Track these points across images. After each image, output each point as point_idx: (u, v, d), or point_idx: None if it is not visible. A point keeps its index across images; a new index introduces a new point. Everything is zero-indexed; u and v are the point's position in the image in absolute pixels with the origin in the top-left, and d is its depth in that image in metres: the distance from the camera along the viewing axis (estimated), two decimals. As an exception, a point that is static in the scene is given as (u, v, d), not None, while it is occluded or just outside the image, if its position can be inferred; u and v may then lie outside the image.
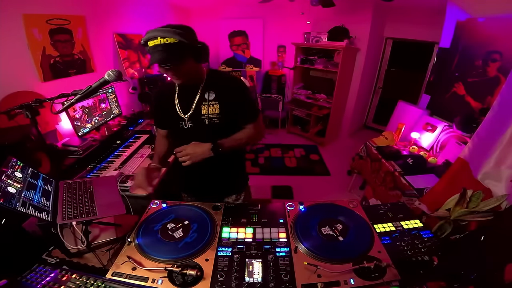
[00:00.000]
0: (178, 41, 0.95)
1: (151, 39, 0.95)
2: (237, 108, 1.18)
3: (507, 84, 1.38)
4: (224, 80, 1.20)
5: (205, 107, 1.15)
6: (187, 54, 1.01)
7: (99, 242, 1.09)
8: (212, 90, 1.15)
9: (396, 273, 0.84)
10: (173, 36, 0.94)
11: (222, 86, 1.16)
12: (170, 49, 0.95)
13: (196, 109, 1.16)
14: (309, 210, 1.16)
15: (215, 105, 1.15)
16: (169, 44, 0.94)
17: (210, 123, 1.16)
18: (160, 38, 0.94)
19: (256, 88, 4.81)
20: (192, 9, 4.43)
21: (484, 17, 2.22)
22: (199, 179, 1.34)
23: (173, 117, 1.19)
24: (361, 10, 3.68)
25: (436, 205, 1.28)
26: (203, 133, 1.16)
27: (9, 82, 1.75)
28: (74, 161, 1.82)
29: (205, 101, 1.15)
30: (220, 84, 1.17)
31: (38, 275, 0.84)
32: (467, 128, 2.10)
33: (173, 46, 0.95)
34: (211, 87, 1.15)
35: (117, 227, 1.18)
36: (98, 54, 2.55)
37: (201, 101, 1.15)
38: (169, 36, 0.94)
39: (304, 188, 3.23)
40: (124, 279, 0.83)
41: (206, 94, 1.15)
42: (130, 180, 1.64)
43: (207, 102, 1.15)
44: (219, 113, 1.15)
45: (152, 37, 0.95)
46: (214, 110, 1.15)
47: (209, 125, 1.16)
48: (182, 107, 1.18)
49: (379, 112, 4.77)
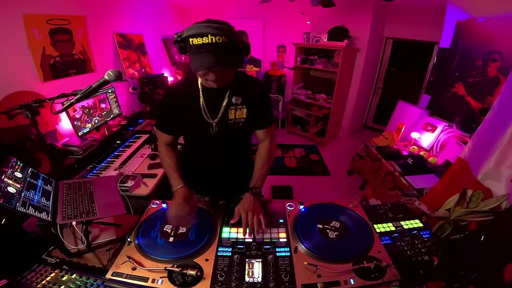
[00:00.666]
0: (229, 41, 0.83)
1: (198, 36, 0.80)
2: (260, 111, 1.15)
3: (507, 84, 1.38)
4: (248, 83, 1.13)
5: (232, 111, 1.09)
6: (237, 55, 0.91)
7: (99, 242, 1.09)
8: (239, 93, 1.08)
9: (396, 273, 0.84)
10: (225, 34, 0.81)
11: (248, 89, 1.10)
12: (222, 49, 0.82)
13: (223, 114, 1.09)
14: (309, 210, 1.16)
15: (242, 109, 1.10)
16: (221, 44, 0.81)
17: (237, 127, 1.12)
18: (211, 36, 0.80)
19: (256, 88, 4.80)
20: (192, 9, 4.43)
21: (484, 17, 2.22)
22: (212, 179, 1.31)
23: (198, 122, 1.10)
24: (361, 10, 3.67)
25: (436, 205, 1.28)
26: (229, 137, 1.14)
27: (9, 82, 1.75)
28: (74, 161, 1.82)
29: (232, 105, 1.08)
30: (245, 86, 1.10)
31: (38, 275, 0.84)
32: (467, 128, 2.10)
33: (225, 46, 0.82)
34: (237, 90, 1.08)
35: (117, 227, 1.17)
36: (98, 54, 2.55)
37: (229, 106, 1.08)
38: (220, 34, 0.80)
39: (304, 188, 3.23)
40: (124, 279, 0.83)
41: (234, 98, 1.07)
42: (130, 180, 1.64)
43: (234, 107, 1.09)
44: (246, 117, 1.12)
45: (199, 34, 0.80)
46: (241, 114, 1.10)
47: (235, 129, 1.12)
48: (209, 111, 1.09)
49: (379, 112, 4.77)
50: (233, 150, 1.21)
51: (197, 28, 0.81)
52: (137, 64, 3.14)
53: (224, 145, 1.17)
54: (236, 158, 1.24)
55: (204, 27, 0.80)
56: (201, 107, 1.07)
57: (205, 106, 1.07)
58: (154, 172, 1.81)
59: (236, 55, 0.90)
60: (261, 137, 1.23)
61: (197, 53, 0.83)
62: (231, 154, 1.22)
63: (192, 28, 0.82)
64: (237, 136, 1.17)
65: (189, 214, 1.00)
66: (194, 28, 0.81)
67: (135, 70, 3.08)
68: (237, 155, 1.25)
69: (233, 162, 1.24)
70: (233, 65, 0.94)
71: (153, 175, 1.79)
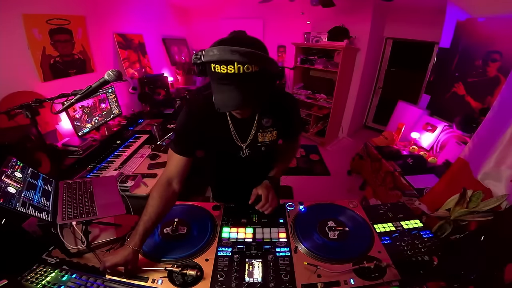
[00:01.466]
0: (260, 69, 0.67)
1: (221, 63, 0.65)
2: (290, 126, 1.11)
3: (507, 84, 1.38)
4: (279, 99, 1.03)
5: (262, 134, 1.03)
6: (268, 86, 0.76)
7: (99, 242, 1.09)
8: (269, 115, 1.01)
9: (396, 273, 0.84)
10: (255, 61, 0.65)
11: (277, 109, 1.02)
12: (250, 82, 0.68)
13: (254, 137, 1.03)
14: (309, 210, 1.16)
15: (272, 131, 1.04)
16: (249, 75, 0.66)
17: (267, 148, 1.07)
18: (238, 65, 0.64)
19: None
20: (192, 9, 4.43)
21: (484, 17, 2.22)
22: (231, 188, 1.31)
23: (227, 145, 1.04)
24: (361, 10, 3.67)
25: (436, 205, 1.28)
26: (259, 159, 1.12)
27: (9, 82, 1.75)
28: (74, 161, 1.82)
29: (261, 128, 1.02)
30: (276, 106, 1.01)
31: (38, 275, 0.84)
32: (467, 128, 2.10)
33: (254, 77, 0.67)
34: (267, 112, 1.00)
35: (117, 227, 1.17)
36: (98, 54, 2.56)
37: (259, 129, 1.02)
38: (249, 62, 0.64)
39: (304, 188, 3.22)
40: (124, 279, 0.83)
41: (264, 121, 1.01)
42: (130, 180, 1.64)
43: (264, 129, 1.03)
44: (276, 139, 1.08)
45: (222, 61, 0.65)
46: (271, 137, 1.05)
47: (265, 150, 1.08)
48: (239, 135, 1.01)
49: (379, 112, 4.76)
50: (263, 167, 1.20)
51: (221, 51, 0.64)
52: (137, 64, 3.14)
53: (255, 167, 1.16)
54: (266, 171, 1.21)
55: (230, 52, 0.63)
56: (231, 130, 0.99)
57: (235, 130, 0.99)
58: (154, 172, 1.81)
59: (267, 86, 0.76)
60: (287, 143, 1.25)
61: (220, 85, 0.70)
62: (262, 171, 1.19)
63: (215, 51, 0.65)
64: (268, 156, 1.18)
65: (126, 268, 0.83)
66: (218, 50, 0.64)
67: (135, 70, 3.08)
68: (267, 169, 1.22)
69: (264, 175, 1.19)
70: (262, 101, 0.84)
71: (153, 175, 1.79)
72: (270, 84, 0.78)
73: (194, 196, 1.60)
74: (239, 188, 1.21)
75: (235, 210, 1.17)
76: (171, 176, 0.99)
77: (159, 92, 3.17)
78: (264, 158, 1.16)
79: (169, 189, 0.98)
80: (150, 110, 3.00)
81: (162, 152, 2.08)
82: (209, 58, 0.66)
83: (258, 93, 0.74)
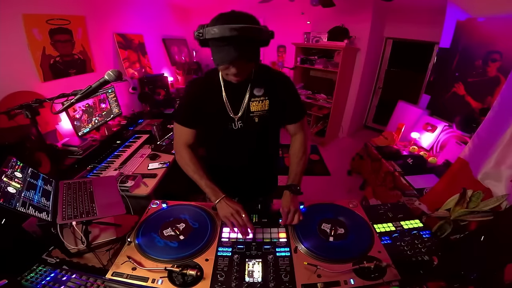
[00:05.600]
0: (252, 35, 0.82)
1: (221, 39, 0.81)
2: (285, 104, 1.11)
3: (507, 84, 1.38)
4: (271, 75, 1.10)
5: (254, 103, 1.06)
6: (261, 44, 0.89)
7: (99, 242, 1.09)
8: (260, 85, 1.06)
9: (396, 273, 0.84)
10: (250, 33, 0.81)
11: (270, 81, 1.08)
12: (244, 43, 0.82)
13: (246, 108, 1.06)
14: (309, 210, 1.16)
15: (264, 100, 1.07)
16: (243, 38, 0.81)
17: (260, 120, 1.09)
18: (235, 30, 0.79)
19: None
20: (192, 9, 4.43)
21: (484, 17, 2.22)
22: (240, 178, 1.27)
23: (220, 117, 1.08)
24: (361, 10, 3.67)
25: (436, 205, 1.28)
26: (253, 132, 1.11)
27: (9, 82, 1.75)
28: (74, 161, 1.82)
29: (254, 97, 1.06)
30: (268, 78, 1.08)
31: (38, 275, 0.84)
32: (467, 128, 2.10)
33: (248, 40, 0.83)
34: (259, 82, 1.06)
35: (117, 227, 1.17)
36: (98, 54, 2.56)
37: (251, 98, 1.06)
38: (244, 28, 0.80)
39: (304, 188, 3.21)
40: (124, 279, 0.83)
41: (255, 90, 1.05)
42: (130, 180, 1.64)
43: (256, 98, 1.06)
44: (269, 109, 1.08)
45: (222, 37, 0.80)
46: (263, 106, 1.07)
47: (258, 122, 1.09)
48: (232, 106, 1.07)
49: (379, 112, 4.76)
50: (259, 147, 1.17)
51: (221, 30, 0.79)
52: (137, 64, 3.14)
53: (250, 142, 1.15)
54: (264, 155, 1.20)
55: (229, 30, 0.78)
56: (224, 101, 1.05)
57: (228, 101, 1.06)
58: (154, 172, 1.81)
59: (258, 47, 0.90)
60: (292, 132, 1.21)
61: (219, 46, 0.83)
62: (258, 151, 1.18)
63: (215, 29, 0.80)
64: (262, 132, 1.13)
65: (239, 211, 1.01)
66: (218, 29, 0.79)
67: (135, 70, 3.08)
68: (264, 152, 1.21)
69: (261, 159, 1.20)
70: (254, 59, 0.92)
71: (153, 175, 1.79)
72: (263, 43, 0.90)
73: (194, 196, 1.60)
74: (234, 174, 1.23)
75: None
76: (185, 142, 1.14)
77: (159, 92, 3.17)
78: (260, 136, 1.13)
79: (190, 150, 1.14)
80: (150, 110, 3.00)
81: (162, 152, 2.08)
82: (211, 36, 0.81)
83: (251, 51, 0.87)
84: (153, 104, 3.04)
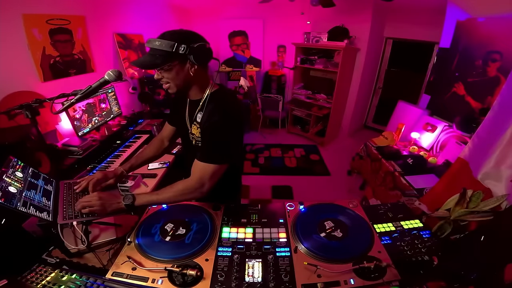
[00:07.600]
0: (166, 45, 0.92)
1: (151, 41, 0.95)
2: (203, 141, 1.07)
3: (507, 84, 1.38)
4: (214, 107, 1.04)
5: (194, 127, 1.10)
6: (173, 56, 0.93)
7: (99, 242, 1.09)
8: (204, 111, 1.05)
9: (396, 273, 0.84)
10: (161, 46, 0.92)
11: (209, 112, 1.04)
12: (155, 52, 0.93)
13: (190, 128, 1.12)
14: (309, 210, 1.16)
15: (198, 128, 1.08)
16: (155, 50, 0.93)
17: (196, 143, 1.11)
18: (154, 42, 0.93)
19: (256, 88, 4.81)
20: (192, 9, 4.43)
21: (484, 17, 2.22)
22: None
23: (183, 125, 1.16)
24: (361, 10, 3.68)
25: (436, 205, 1.28)
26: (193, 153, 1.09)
27: (9, 82, 1.75)
28: (74, 161, 1.82)
29: (194, 121, 1.09)
30: (211, 108, 1.04)
31: (38, 275, 0.84)
32: (467, 128, 2.10)
33: (159, 50, 0.92)
34: (206, 108, 1.05)
35: (117, 227, 1.18)
36: (98, 54, 2.55)
37: (193, 121, 1.10)
38: (161, 41, 0.92)
39: (304, 188, 3.23)
40: (124, 279, 0.83)
41: (199, 114, 1.07)
42: (130, 180, 1.64)
43: (195, 123, 1.09)
44: (199, 137, 1.08)
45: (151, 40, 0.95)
46: (197, 133, 1.09)
47: (194, 145, 1.12)
48: (189, 120, 1.12)
49: (379, 112, 4.77)
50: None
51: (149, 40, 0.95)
52: (137, 64, 3.13)
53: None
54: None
55: (152, 41, 0.94)
56: (186, 114, 1.14)
57: (188, 114, 1.13)
58: (154, 172, 1.81)
59: (172, 56, 0.93)
60: (192, 168, 1.06)
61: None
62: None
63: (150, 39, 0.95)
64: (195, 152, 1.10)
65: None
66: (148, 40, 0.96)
67: (135, 70, 3.08)
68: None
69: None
70: (154, 66, 0.96)
71: (153, 175, 1.79)
72: (179, 55, 0.94)
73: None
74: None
75: (235, 210, 1.17)
76: (163, 136, 1.38)
77: (159, 92, 3.17)
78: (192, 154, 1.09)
79: (160, 143, 1.39)
80: (150, 110, 3.00)
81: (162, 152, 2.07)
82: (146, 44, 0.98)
83: (157, 61, 0.95)
84: (153, 104, 3.04)
